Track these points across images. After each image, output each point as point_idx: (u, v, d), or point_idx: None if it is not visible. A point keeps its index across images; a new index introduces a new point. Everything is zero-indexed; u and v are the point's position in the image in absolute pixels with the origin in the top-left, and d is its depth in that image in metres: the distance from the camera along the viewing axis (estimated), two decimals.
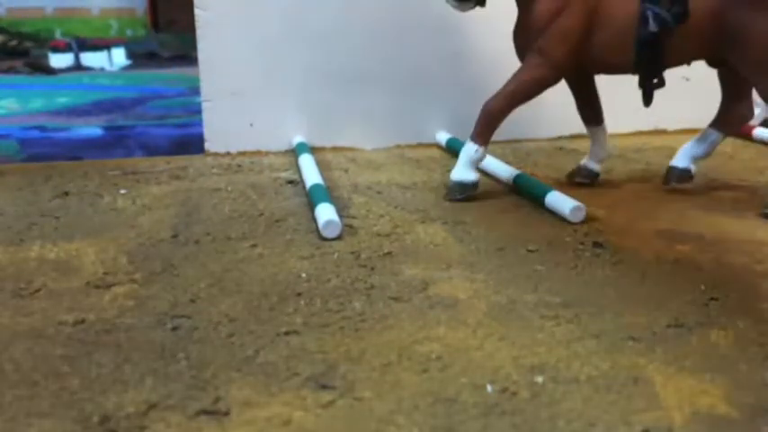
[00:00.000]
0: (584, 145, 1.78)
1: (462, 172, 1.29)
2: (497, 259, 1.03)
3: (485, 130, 1.27)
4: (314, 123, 1.70)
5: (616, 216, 1.22)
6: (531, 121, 1.78)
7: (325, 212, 1.12)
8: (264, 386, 0.70)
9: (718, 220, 1.19)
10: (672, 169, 1.36)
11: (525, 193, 1.32)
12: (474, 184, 1.29)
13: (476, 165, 1.29)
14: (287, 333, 0.80)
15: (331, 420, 0.65)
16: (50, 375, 0.72)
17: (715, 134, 1.34)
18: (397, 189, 1.38)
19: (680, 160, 1.36)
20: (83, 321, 0.83)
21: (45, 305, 0.87)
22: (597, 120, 1.40)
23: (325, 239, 1.09)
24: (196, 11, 1.62)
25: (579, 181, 1.41)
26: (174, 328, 0.81)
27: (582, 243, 1.09)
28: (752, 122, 1.93)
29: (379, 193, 1.36)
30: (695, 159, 1.36)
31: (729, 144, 1.81)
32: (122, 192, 1.36)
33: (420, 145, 1.77)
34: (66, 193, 1.35)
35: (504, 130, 1.83)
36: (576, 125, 1.87)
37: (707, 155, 1.36)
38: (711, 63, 1.32)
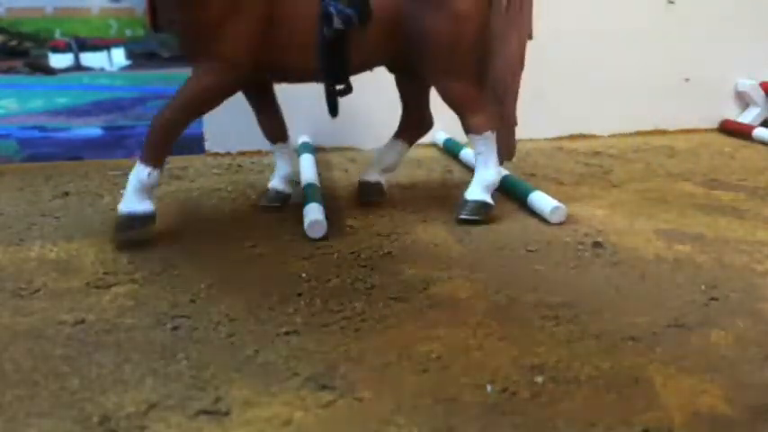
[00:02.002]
0: (585, 145, 1.78)
1: (132, 202, 1.07)
2: (497, 259, 1.03)
3: (155, 148, 1.07)
4: (313, 123, 1.70)
5: (616, 216, 1.22)
6: (531, 121, 1.78)
7: (312, 212, 1.12)
8: (264, 386, 0.70)
9: (718, 220, 1.19)
10: (363, 185, 1.30)
11: (509, 193, 1.31)
12: (148, 216, 1.07)
13: (149, 191, 1.07)
14: (287, 333, 0.80)
15: (331, 420, 0.65)
16: (50, 375, 0.71)
17: (400, 144, 1.30)
18: (397, 189, 1.38)
19: (370, 175, 1.30)
20: (83, 321, 0.83)
21: (45, 305, 0.87)
22: (282, 136, 1.26)
23: (325, 239, 1.09)
24: None
25: (266, 205, 1.25)
26: (174, 328, 0.81)
27: (582, 243, 1.09)
28: (752, 122, 1.93)
29: None
30: (384, 171, 1.31)
31: (729, 144, 1.81)
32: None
33: (420, 145, 1.77)
34: (67, 193, 1.35)
35: None
36: (576, 126, 1.88)
37: (395, 165, 1.32)
38: (392, 68, 1.25)
